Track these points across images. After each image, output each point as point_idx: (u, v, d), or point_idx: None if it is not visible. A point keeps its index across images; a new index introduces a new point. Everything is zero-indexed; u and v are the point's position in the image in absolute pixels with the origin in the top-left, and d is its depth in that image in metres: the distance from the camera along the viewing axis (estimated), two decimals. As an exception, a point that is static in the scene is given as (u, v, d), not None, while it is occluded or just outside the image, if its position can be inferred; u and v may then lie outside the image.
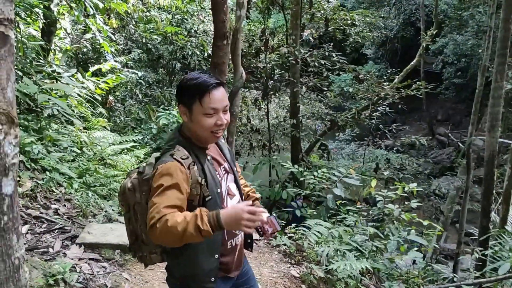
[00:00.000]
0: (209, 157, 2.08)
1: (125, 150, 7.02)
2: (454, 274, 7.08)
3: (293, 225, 5.88)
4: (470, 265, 7.54)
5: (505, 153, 11.38)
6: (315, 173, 7.01)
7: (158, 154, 2.10)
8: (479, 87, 10.21)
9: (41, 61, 6.63)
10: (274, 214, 1.99)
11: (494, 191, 6.69)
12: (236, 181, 2.22)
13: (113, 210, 5.08)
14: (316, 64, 11.24)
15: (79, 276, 3.43)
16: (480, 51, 16.67)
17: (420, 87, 11.67)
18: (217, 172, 2.08)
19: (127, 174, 2.17)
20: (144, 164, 2.09)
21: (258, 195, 2.41)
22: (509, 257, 5.15)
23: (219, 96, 1.96)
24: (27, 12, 6.33)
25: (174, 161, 1.88)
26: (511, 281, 5.16)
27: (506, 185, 6.34)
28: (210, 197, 1.96)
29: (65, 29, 8.17)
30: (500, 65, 6.27)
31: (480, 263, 6.04)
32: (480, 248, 6.01)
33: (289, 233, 5.71)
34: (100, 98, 7.88)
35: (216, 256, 2.03)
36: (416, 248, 5.87)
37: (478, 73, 10.73)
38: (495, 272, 5.08)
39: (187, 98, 1.97)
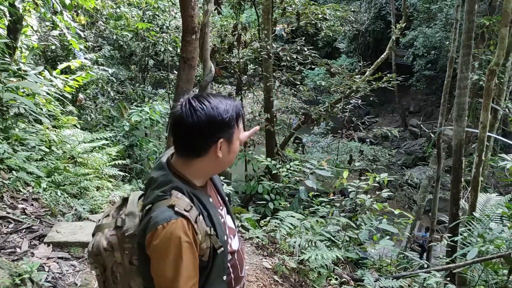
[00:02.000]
0: (210, 199, 1.73)
1: (97, 148, 6.93)
2: (426, 262, 7.23)
3: (268, 218, 5.93)
4: (440, 252, 7.71)
5: (474, 142, 11.63)
6: (288, 166, 7.06)
7: (137, 194, 1.73)
8: (447, 78, 10.42)
9: (6, 59, 6.50)
10: None
11: (463, 179, 6.84)
12: (229, 212, 1.88)
13: (83, 208, 5.02)
14: (288, 58, 11.30)
15: (47, 275, 3.39)
16: (447, 43, 16.97)
17: (391, 79, 11.86)
18: (218, 213, 1.74)
19: (97, 228, 1.71)
20: (121, 215, 1.68)
21: None
22: (478, 242, 5.27)
23: None
24: (-9, 10, 6.20)
25: (178, 218, 1.50)
26: (479, 265, 5.30)
27: (474, 172, 6.48)
28: (222, 248, 1.63)
29: (32, 27, 8.01)
30: (465, 56, 6.40)
31: (450, 249, 6.18)
32: (450, 235, 6.14)
33: (263, 226, 5.75)
34: (70, 96, 7.77)
35: None
36: (388, 237, 5.99)
37: (447, 64, 10.95)
38: (464, 258, 5.20)
39: (230, 128, 1.64)
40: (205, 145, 1.62)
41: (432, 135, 12.13)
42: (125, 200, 1.75)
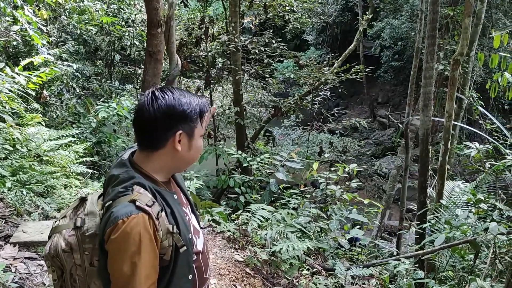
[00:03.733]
0: (175, 196, 1.70)
1: (63, 146, 6.80)
2: (396, 250, 7.36)
3: (240, 211, 5.92)
4: (408, 240, 7.86)
5: (441, 131, 11.88)
6: (258, 159, 7.08)
7: (97, 194, 1.69)
8: (413, 68, 10.61)
9: (-35, 55, 6.30)
10: None
11: (430, 168, 6.96)
12: (193, 211, 1.87)
13: (50, 207, 4.92)
14: (257, 51, 11.28)
15: (14, 276, 3.32)
16: (413, 34, 17.23)
17: (359, 70, 11.99)
18: (184, 211, 1.71)
19: (53, 229, 1.64)
20: (80, 215, 1.63)
21: None
22: (445, 229, 5.38)
23: None
24: None
25: (139, 213, 1.46)
26: (447, 251, 5.42)
27: (441, 161, 6.60)
28: (185, 247, 1.59)
29: (-9, 22, 7.78)
30: (430, 47, 6.49)
31: (418, 237, 6.29)
32: (418, 222, 6.25)
33: (234, 220, 5.75)
34: (33, 93, 7.57)
35: None
36: (358, 226, 6.07)
37: (413, 55, 11.12)
38: (432, 244, 5.30)
39: (192, 121, 1.63)
40: (163, 136, 1.60)
41: (400, 125, 12.36)
42: (82, 200, 1.70)
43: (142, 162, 1.64)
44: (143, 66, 12.53)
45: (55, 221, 1.68)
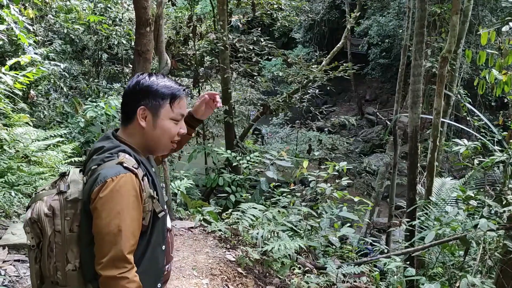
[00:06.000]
0: (154, 169, 1.85)
1: (51, 146, 6.74)
2: (386, 247, 7.41)
3: (230, 210, 5.91)
4: (399, 237, 7.91)
5: (429, 128, 11.95)
6: (248, 158, 7.07)
7: (77, 170, 1.74)
8: (401, 66, 10.66)
9: (-50, 56, 6.20)
10: None
11: (419, 165, 7.00)
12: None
13: (39, 208, 4.87)
14: (245, 49, 11.26)
15: (4, 279, 3.28)
16: (401, 31, 17.32)
17: (347, 68, 12.02)
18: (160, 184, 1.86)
19: (34, 198, 1.70)
20: (66, 181, 1.68)
21: None
22: (434, 226, 5.41)
23: (186, 103, 1.86)
24: None
25: (127, 172, 1.58)
26: (437, 247, 5.46)
27: (430, 158, 6.63)
28: (163, 212, 1.73)
29: (-24, 22, 7.66)
30: (418, 44, 6.52)
31: (408, 234, 6.32)
32: (408, 219, 6.28)
33: (225, 219, 5.74)
34: (20, 93, 7.49)
35: (159, 285, 1.81)
36: (348, 224, 6.09)
37: (401, 53, 11.18)
38: (422, 241, 5.33)
39: (155, 99, 1.74)
40: (131, 110, 1.75)
41: (388, 123, 12.42)
42: (62, 176, 1.76)
43: (123, 135, 1.78)
44: (131, 65, 12.50)
45: (35, 192, 1.76)
